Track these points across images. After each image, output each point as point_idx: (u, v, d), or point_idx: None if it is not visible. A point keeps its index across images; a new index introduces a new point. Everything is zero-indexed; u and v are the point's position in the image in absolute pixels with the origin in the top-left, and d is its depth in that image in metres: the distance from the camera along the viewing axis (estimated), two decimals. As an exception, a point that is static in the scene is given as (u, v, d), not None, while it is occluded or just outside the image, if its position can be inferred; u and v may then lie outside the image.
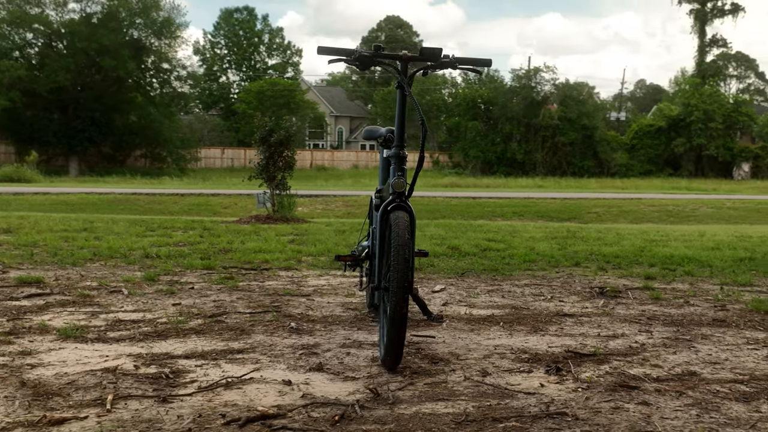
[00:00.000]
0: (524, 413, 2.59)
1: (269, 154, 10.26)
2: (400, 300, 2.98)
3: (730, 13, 53.65)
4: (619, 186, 34.80)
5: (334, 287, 5.16)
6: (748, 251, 7.34)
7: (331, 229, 9.13)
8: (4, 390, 2.78)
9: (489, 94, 49.18)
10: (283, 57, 62.65)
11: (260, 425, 2.51)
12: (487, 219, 15.70)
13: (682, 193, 26.89)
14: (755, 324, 4.02)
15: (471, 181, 37.35)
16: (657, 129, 48.32)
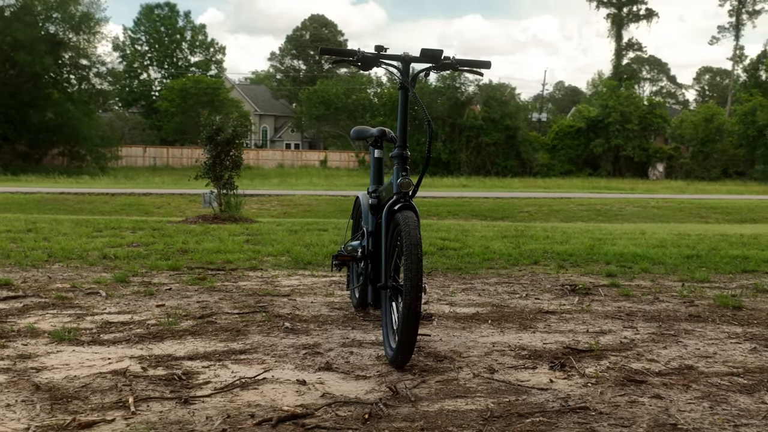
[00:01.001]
0: (546, 408, 2.66)
1: (216, 153, 10.14)
2: (415, 299, 3.02)
3: (644, 18, 55.51)
4: (542, 185, 35.52)
5: (310, 287, 5.16)
6: (690, 248, 7.63)
7: (283, 229, 9.09)
8: (19, 394, 2.71)
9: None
10: (206, 54, 61.77)
11: (292, 425, 2.51)
12: (423, 218, 15.83)
13: (602, 192, 27.60)
14: (728, 319, 4.20)
15: (398, 181, 37.41)
16: (577, 130, 49.54)
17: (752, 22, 59.37)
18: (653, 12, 55.14)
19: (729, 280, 5.70)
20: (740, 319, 4.18)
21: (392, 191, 3.45)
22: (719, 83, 72.21)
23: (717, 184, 40.19)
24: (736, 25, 55.56)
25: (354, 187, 28.61)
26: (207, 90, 52.16)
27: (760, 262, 6.60)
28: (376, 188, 3.94)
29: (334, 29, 66.54)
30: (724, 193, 29.39)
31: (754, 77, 53.18)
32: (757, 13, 55.68)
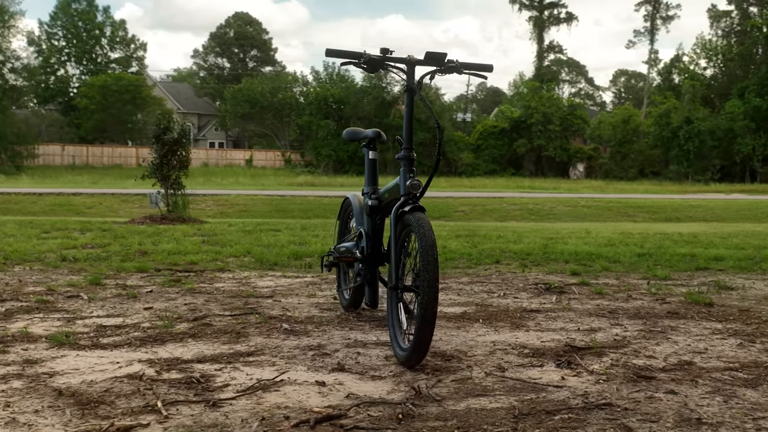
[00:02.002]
0: (570, 405, 2.73)
1: (163, 152, 9.97)
2: (432, 299, 3.07)
3: (565, 22, 56.81)
4: (468, 185, 36.04)
5: (288, 288, 5.15)
6: (638, 247, 7.89)
7: (236, 230, 9.01)
8: (42, 400, 2.65)
9: (340, 94, 49.60)
10: (127, 51, 60.32)
11: (330, 425, 2.53)
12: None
13: (526, 191, 28.18)
14: (705, 316, 4.37)
15: (326, 180, 37.58)
16: (500, 130, 50.40)
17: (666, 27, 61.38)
18: (573, 15, 56.57)
19: (688, 277, 5.92)
20: (716, 316, 4.36)
21: (399, 193, 3.48)
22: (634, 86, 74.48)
23: (634, 183, 41.46)
24: (651, 30, 57.42)
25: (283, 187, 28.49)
26: (129, 87, 51.05)
27: (709, 260, 6.87)
28: (375, 190, 3.96)
29: (259, 27, 65.96)
30: (641, 192, 30.33)
31: (667, 80, 55.03)
32: (671, 18, 57.69)
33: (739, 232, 10.59)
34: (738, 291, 5.25)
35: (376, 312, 4.35)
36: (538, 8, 55.82)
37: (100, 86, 50.67)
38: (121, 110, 51.23)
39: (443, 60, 3.53)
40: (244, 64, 65.25)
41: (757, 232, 10.47)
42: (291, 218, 14.69)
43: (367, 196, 4.07)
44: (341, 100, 49.29)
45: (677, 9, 76.95)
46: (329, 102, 49.65)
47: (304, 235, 8.42)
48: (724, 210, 19.18)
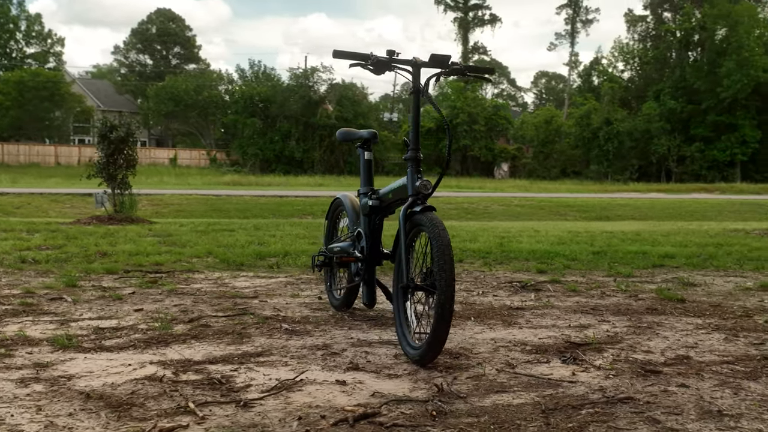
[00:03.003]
0: (592, 400, 2.81)
1: (110, 151, 9.74)
2: (450, 298, 3.12)
3: (489, 23, 57.72)
4: (396, 184, 36.14)
5: (267, 288, 5.13)
6: (589, 245, 8.11)
7: (188, 230, 8.89)
8: (71, 403, 2.61)
9: (267, 92, 49.23)
10: (43, 46, 58.46)
11: (368, 423, 2.55)
12: (299, 217, 15.87)
13: (454, 190, 28.45)
14: (682, 312, 4.53)
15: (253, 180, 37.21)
16: (427, 130, 50.78)
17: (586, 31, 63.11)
18: (497, 17, 57.55)
19: (649, 275, 6.13)
20: (692, 312, 4.53)
21: (407, 193, 3.53)
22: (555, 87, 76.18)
23: (557, 182, 42.43)
24: (571, 33, 58.84)
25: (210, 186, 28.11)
26: (46, 84, 49.52)
27: (661, 258, 7.11)
28: (375, 190, 4.00)
29: (182, 24, 64.82)
30: (564, 191, 31.02)
31: (587, 82, 56.50)
32: (590, 22, 59.27)
33: (677, 230, 10.98)
34: (701, 287, 5.47)
35: (368, 311, 4.39)
36: (463, 9, 56.58)
37: (15, 82, 49.00)
38: (38, 107, 49.66)
39: (447, 62, 3.59)
40: (167, 61, 64.06)
41: (693, 230, 10.88)
42: (228, 218, 14.54)
43: (364, 197, 4.10)
44: (268, 98, 48.90)
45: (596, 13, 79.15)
46: (255, 100, 49.19)
47: (261, 235, 8.37)
48: (650, 209, 19.82)
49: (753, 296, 5.09)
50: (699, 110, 48.46)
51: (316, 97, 49.07)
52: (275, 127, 48.53)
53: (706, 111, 48.20)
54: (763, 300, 4.93)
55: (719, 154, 47.65)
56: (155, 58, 64.28)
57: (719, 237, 9.43)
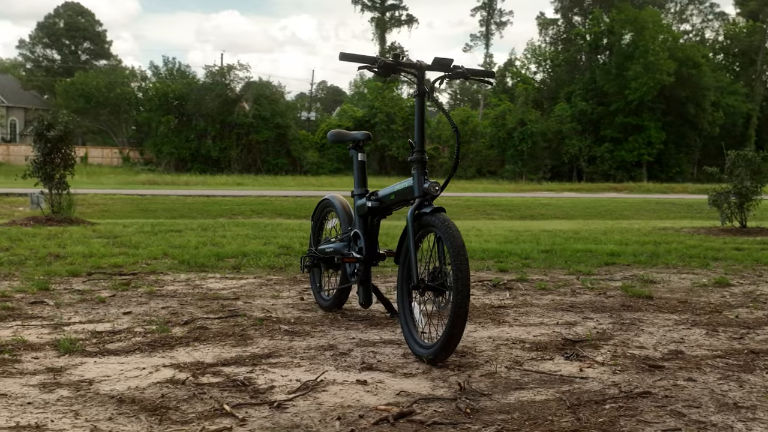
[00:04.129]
0: (611, 395, 2.89)
1: (47, 150, 9.42)
2: (466, 297, 3.18)
3: (405, 24, 58.14)
4: (314, 183, 36.21)
5: (243, 289, 5.08)
6: (535, 243, 8.32)
7: (134, 231, 8.70)
8: (105, 408, 2.56)
9: (182, 90, 48.38)
10: (-57, 38, 55.86)
11: (408, 422, 2.59)
12: (228, 217, 15.69)
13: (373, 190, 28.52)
14: (655, 308, 4.70)
15: (169, 179, 36.58)
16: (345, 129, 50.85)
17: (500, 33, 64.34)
18: (413, 18, 58.05)
19: (607, 272, 6.34)
20: (665, 308, 4.71)
21: (412, 194, 3.57)
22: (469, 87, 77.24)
23: (474, 182, 43.13)
24: (486, 35, 59.84)
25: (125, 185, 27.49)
26: (-53, 78, 47.35)
27: (609, 256, 7.35)
28: (374, 192, 4.02)
29: (92, 18, 62.95)
30: (481, 191, 31.53)
31: (501, 83, 57.59)
32: (504, 24, 60.42)
33: (610, 229, 11.35)
34: (661, 284, 5.69)
35: (358, 311, 4.41)
36: (380, 9, 56.84)
37: None
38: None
39: (450, 66, 3.66)
40: (76, 56, 62.09)
41: (625, 229, 11.26)
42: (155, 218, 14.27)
43: (359, 198, 4.13)
44: (183, 96, 48.04)
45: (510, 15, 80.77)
46: (170, 98, 48.27)
47: (211, 236, 8.27)
48: (572, 208, 20.38)
49: (713, 292, 5.33)
50: (608, 112, 50.04)
51: (233, 96, 48.51)
52: (191, 125, 47.72)
53: (614, 113, 49.81)
54: (725, 296, 5.17)
55: (627, 155, 49.30)
56: (63, 54, 62.22)
57: (653, 235, 9.80)
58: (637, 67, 48.08)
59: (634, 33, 50.60)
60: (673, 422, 2.59)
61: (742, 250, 8.12)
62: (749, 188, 10.24)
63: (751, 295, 5.20)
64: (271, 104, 49.06)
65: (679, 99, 49.72)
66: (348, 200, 4.54)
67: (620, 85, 49.34)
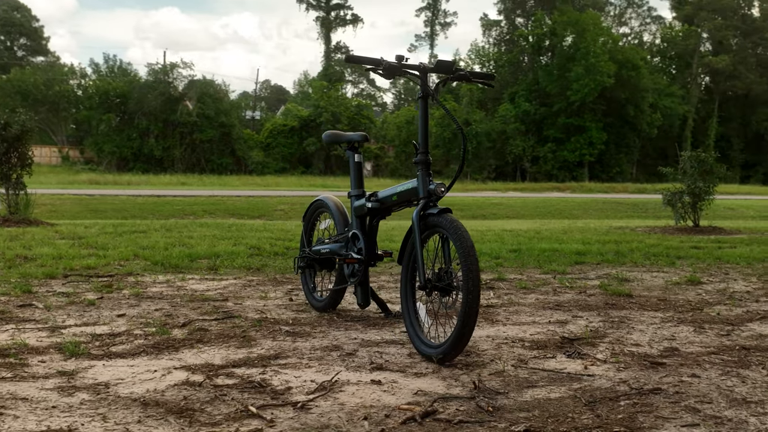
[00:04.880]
0: (623, 392, 2.94)
1: (4, 150, 9.16)
2: (477, 297, 3.23)
3: (351, 23, 58.16)
4: (260, 183, 35.97)
5: (228, 290, 5.04)
6: (501, 242, 8.43)
7: (97, 232, 8.53)
8: (131, 411, 2.53)
9: (123, 88, 47.57)
10: None
11: (434, 421, 2.62)
12: (179, 217, 15.51)
13: (319, 189, 28.55)
14: (638, 306, 4.80)
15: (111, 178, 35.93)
16: (290, 129, 50.65)
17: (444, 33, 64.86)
18: (358, 17, 58.11)
19: (580, 271, 6.46)
20: (647, 306, 4.82)
21: (416, 195, 3.61)
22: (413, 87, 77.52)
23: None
24: (431, 35, 60.25)
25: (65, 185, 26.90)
26: None
27: (576, 255, 7.49)
28: (374, 192, 4.03)
29: (28, 14, 61.35)
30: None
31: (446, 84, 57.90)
32: (449, 25, 60.90)
33: (568, 228, 11.54)
34: (635, 282, 5.82)
35: (352, 311, 4.42)
36: (324, 9, 56.74)
37: None
38: None
39: (452, 68, 3.69)
40: (12, 52, 60.48)
41: (583, 228, 11.47)
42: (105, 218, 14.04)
43: (357, 198, 4.14)
44: (124, 94, 47.23)
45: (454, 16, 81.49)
46: (111, 96, 47.42)
47: (177, 237, 8.16)
48: (522, 207, 20.66)
49: (688, 290, 5.47)
50: (551, 113, 50.82)
51: (176, 94, 47.85)
52: (133, 123, 46.94)
53: (557, 113, 50.60)
54: (701, 294, 5.32)
55: (569, 155, 50.13)
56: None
57: (612, 235, 10.01)
58: (578, 69, 48.92)
59: (575, 35, 51.47)
60: (690, 417, 2.67)
61: (700, 248, 8.35)
62: (702, 188, 10.53)
63: (725, 293, 5.36)
64: (215, 103, 48.58)
65: (619, 100, 50.78)
66: (342, 201, 4.55)
67: (562, 86, 50.15)
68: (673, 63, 59.80)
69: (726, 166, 10.80)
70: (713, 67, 57.11)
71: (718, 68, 56.54)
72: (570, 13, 51.91)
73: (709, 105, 58.24)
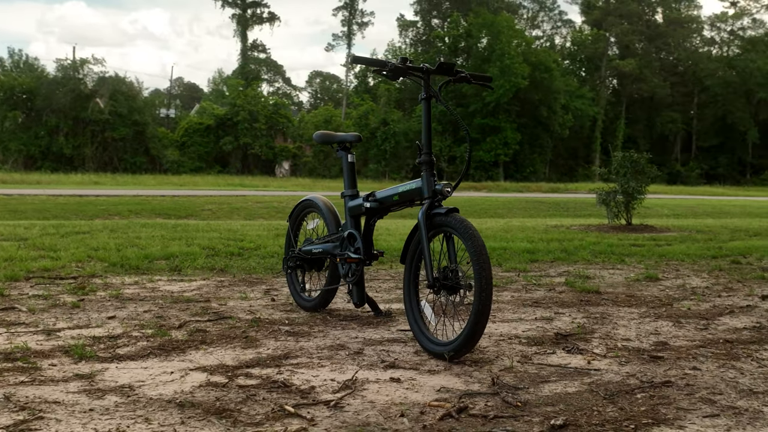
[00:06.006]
0: (636, 385, 3.03)
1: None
2: (489, 295, 3.29)
3: (268, 21, 57.65)
4: (177, 183, 35.34)
5: (204, 291, 4.97)
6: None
7: (39, 233, 8.23)
8: (170, 413, 2.49)
9: (30, 84, 45.95)
10: None
11: (469, 417, 2.66)
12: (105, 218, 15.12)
13: (236, 189, 28.20)
14: (608, 302, 4.94)
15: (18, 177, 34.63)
16: (206, 127, 49.90)
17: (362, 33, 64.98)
18: (275, 15, 57.62)
19: (539, 269, 6.60)
20: (620, 302, 4.96)
21: (420, 195, 3.64)
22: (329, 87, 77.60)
23: (338, 180, 43.29)
24: (348, 35, 60.27)
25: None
26: None
27: (525, 253, 7.65)
28: (371, 193, 4.04)
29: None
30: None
31: (364, 83, 58.22)
32: (366, 24, 61.07)
33: (508, 227, 11.76)
34: (596, 279, 5.99)
35: (343, 310, 4.43)
36: (241, 6, 56.06)
37: None
38: None
39: (453, 70, 3.74)
40: None
41: (521, 227, 11.69)
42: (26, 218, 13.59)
43: (351, 198, 4.15)
44: (31, 90, 45.62)
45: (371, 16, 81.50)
46: (16, 92, 45.74)
47: (125, 237, 7.96)
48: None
49: (650, 287, 5.67)
50: (467, 113, 51.54)
51: (87, 91, 46.49)
52: (41, 121, 45.38)
53: (473, 114, 51.37)
54: (663, 290, 5.52)
55: (485, 155, 51.00)
56: None
57: (551, 233, 10.25)
58: (493, 70, 49.77)
59: (490, 37, 52.42)
60: (708, 408, 2.78)
61: (640, 246, 8.66)
62: (635, 188, 10.90)
63: (685, 288, 5.58)
64: (128, 100, 47.44)
65: (532, 102, 51.95)
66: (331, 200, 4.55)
67: (478, 88, 50.72)
68: (583, 66, 61.59)
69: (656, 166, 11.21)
70: (621, 71, 59.09)
71: (625, 71, 58.50)
72: (485, 15, 52.83)
73: (617, 107, 60.19)
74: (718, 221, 15.13)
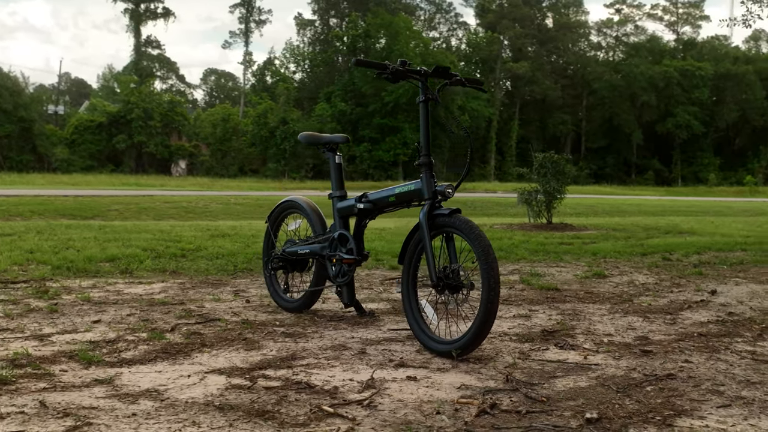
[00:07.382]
0: (642, 378, 3.15)
1: None
2: (496, 295, 3.36)
3: (162, 17, 56.31)
4: (68, 182, 34.14)
5: (172, 294, 4.85)
6: (386, 241, 8.61)
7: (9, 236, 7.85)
8: (212, 416, 2.46)
9: None
10: None
11: (502, 413, 2.72)
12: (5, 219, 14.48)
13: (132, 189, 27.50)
14: (574, 299, 5.09)
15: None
16: (98, 125, 48.38)
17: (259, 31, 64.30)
18: (170, 11, 56.37)
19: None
20: (584, 299, 5.10)
21: (420, 196, 3.68)
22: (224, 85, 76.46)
23: (237, 180, 42.90)
24: (245, 32, 59.52)
25: None
26: None
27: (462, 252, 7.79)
28: (364, 194, 4.04)
29: None
30: (246, 189, 31.38)
31: (262, 81, 57.66)
32: (263, 22, 60.45)
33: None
34: (546, 277, 6.16)
35: (328, 311, 4.42)
36: (134, 1, 54.54)
37: None
38: None
39: (449, 73, 3.80)
40: None
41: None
42: None
43: (340, 200, 4.15)
44: None
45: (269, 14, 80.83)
46: None
47: (56, 240, 7.64)
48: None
49: (602, 283, 5.87)
50: (366, 113, 51.87)
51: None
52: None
53: (372, 114, 51.71)
54: (617, 286, 5.73)
55: (384, 155, 51.40)
56: None
57: (478, 232, 10.44)
58: (392, 71, 50.20)
59: (388, 38, 52.86)
60: (719, 399, 2.92)
61: (568, 244, 8.94)
62: (555, 188, 11.26)
63: (636, 285, 5.82)
64: (12, 96, 45.43)
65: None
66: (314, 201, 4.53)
67: (377, 87, 51.27)
68: (478, 68, 62.81)
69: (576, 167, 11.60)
70: (514, 73, 60.66)
71: (518, 74, 60.12)
72: (383, 15, 53.23)
73: (510, 108, 61.78)
74: (626, 219, 15.76)
